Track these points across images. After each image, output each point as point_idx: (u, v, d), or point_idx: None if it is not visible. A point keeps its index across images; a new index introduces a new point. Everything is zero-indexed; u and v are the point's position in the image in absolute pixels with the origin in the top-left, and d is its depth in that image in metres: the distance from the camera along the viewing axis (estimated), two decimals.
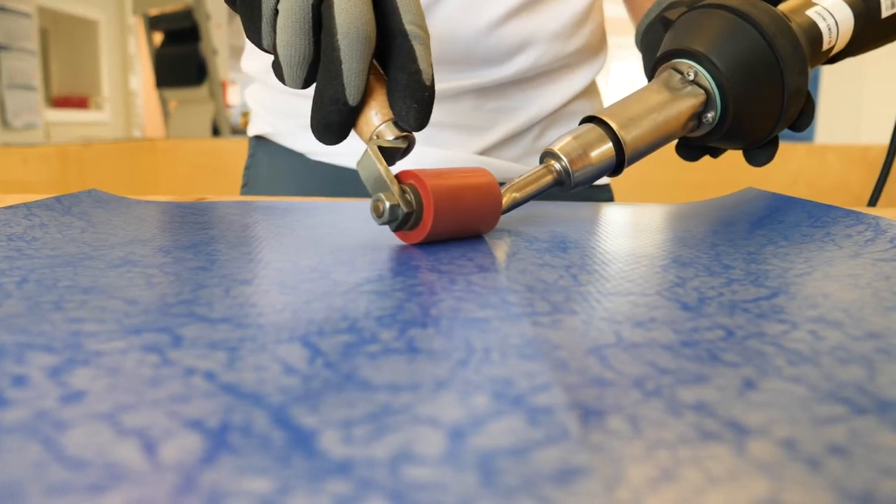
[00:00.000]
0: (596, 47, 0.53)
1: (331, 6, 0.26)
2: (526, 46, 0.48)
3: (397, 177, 0.29)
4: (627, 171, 0.35)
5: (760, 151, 0.38)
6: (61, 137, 4.28)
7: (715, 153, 0.40)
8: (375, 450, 0.11)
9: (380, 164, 0.28)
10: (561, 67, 0.51)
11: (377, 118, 0.29)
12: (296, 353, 0.16)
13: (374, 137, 0.29)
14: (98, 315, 0.18)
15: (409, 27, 0.28)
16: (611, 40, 0.60)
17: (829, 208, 0.35)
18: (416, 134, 0.53)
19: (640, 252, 0.28)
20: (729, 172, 1.89)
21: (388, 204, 0.27)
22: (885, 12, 0.37)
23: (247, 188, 0.59)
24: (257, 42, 0.29)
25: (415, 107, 0.28)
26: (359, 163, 0.29)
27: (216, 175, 2.23)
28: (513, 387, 0.14)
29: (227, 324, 0.18)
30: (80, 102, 4.86)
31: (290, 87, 0.29)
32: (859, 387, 0.14)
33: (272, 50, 0.29)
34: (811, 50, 0.36)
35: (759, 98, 0.34)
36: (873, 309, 0.20)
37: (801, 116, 0.36)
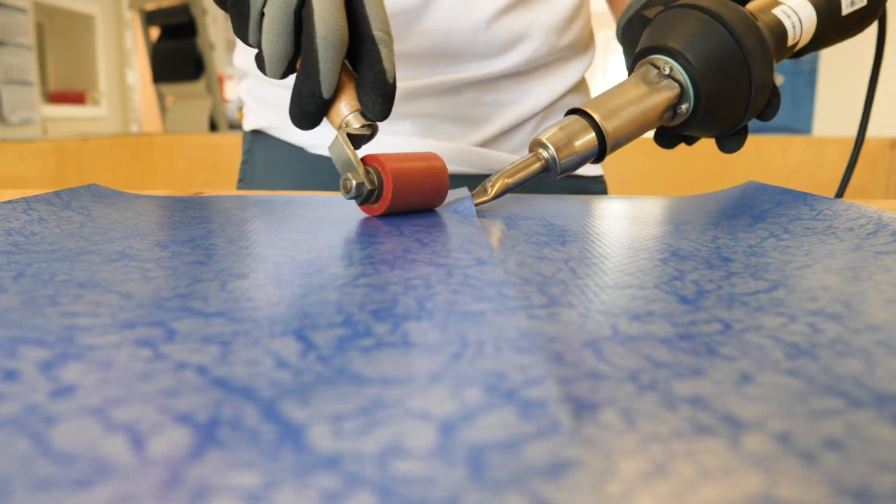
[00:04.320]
0: (586, 43, 0.55)
1: (310, 13, 0.30)
2: (522, 40, 0.50)
3: (363, 160, 0.33)
4: (627, 163, 0.36)
5: (731, 139, 0.41)
6: (58, 133, 4.27)
7: (690, 141, 0.43)
8: (365, 444, 0.11)
9: (348, 148, 0.33)
10: (555, 61, 0.53)
11: (346, 109, 0.33)
12: (289, 347, 0.16)
13: (344, 125, 0.33)
14: (93, 309, 0.18)
15: (377, 33, 0.32)
16: (608, 34, 0.62)
17: (831, 201, 0.35)
18: (416, 126, 0.54)
19: (640, 245, 0.28)
20: (726, 166, 1.89)
21: (354, 182, 0.32)
22: (846, 10, 0.40)
23: (243, 183, 0.59)
24: (244, 39, 0.33)
25: (380, 100, 0.32)
26: (330, 147, 0.33)
27: (214, 170, 2.23)
28: (506, 380, 0.14)
29: (221, 318, 0.18)
30: (76, 98, 4.84)
31: (271, 77, 0.33)
32: (857, 380, 0.14)
33: (257, 46, 0.33)
34: (777, 46, 0.39)
35: (729, 91, 0.37)
36: (874, 302, 0.20)
37: (767, 107, 0.39)
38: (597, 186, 0.58)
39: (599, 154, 0.37)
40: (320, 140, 0.53)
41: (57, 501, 0.09)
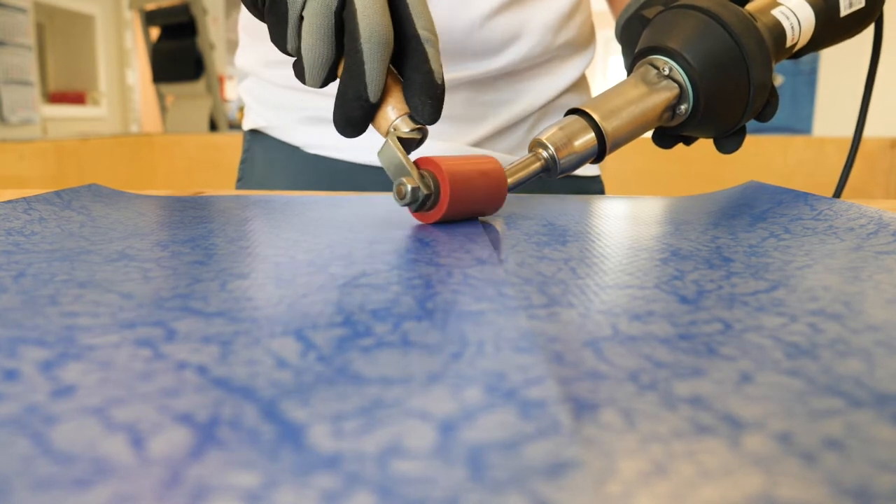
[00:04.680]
0: (585, 40, 0.55)
1: (353, 13, 0.29)
2: (517, 38, 0.50)
3: (415, 163, 0.32)
4: (628, 163, 0.36)
5: (729, 140, 0.41)
6: (58, 133, 4.27)
7: (688, 141, 0.43)
8: (365, 444, 0.11)
9: (400, 152, 0.31)
10: (551, 59, 0.52)
11: (393, 113, 0.32)
12: (289, 346, 0.16)
13: (392, 130, 0.32)
14: (93, 309, 0.18)
15: (422, 32, 0.31)
16: (608, 34, 0.61)
17: (831, 201, 0.35)
18: None
19: (640, 245, 0.28)
20: (726, 166, 1.89)
21: (409, 187, 0.31)
22: (844, 11, 0.41)
23: (242, 182, 0.59)
24: (282, 46, 0.32)
25: (429, 102, 0.31)
26: (380, 152, 0.32)
27: (213, 170, 2.23)
28: (506, 380, 0.14)
29: (221, 318, 0.18)
30: (76, 98, 4.84)
31: (310, 86, 0.31)
32: (857, 380, 0.14)
33: (296, 53, 0.31)
34: (775, 47, 0.39)
35: (728, 91, 0.37)
36: (874, 302, 0.20)
37: (766, 108, 0.39)
38: (594, 186, 0.58)
39: (599, 154, 0.37)
40: (319, 140, 0.52)
41: (57, 501, 0.09)
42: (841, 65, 3.87)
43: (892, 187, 2.03)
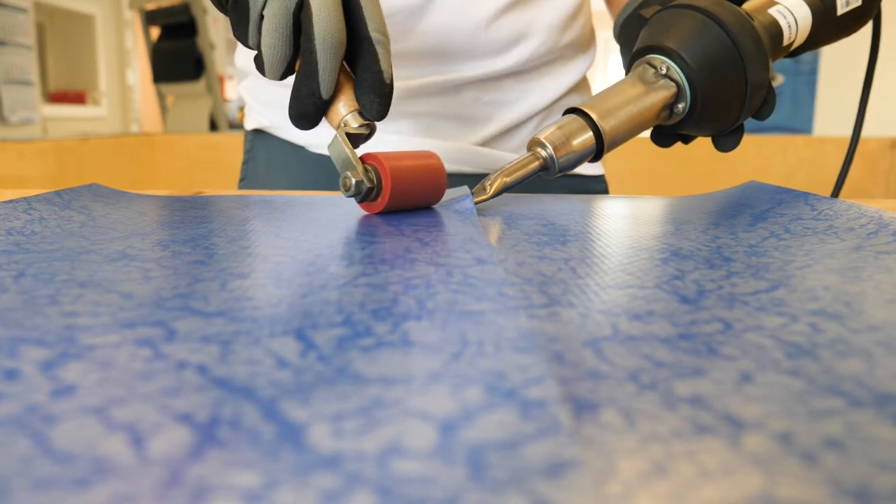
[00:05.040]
0: (587, 42, 0.55)
1: (309, 15, 0.31)
2: (522, 39, 0.50)
3: (361, 158, 0.34)
4: (627, 162, 0.37)
5: (727, 138, 0.41)
6: (58, 132, 4.27)
7: (686, 140, 0.44)
8: (365, 443, 0.11)
9: (347, 147, 0.33)
10: (556, 60, 0.53)
11: (344, 109, 0.34)
12: (289, 346, 0.16)
13: (342, 125, 0.34)
14: (93, 309, 0.18)
15: (374, 34, 0.32)
16: (608, 34, 0.61)
17: (832, 201, 0.35)
18: (417, 126, 0.54)
19: (641, 245, 0.28)
20: (726, 166, 1.89)
21: (353, 180, 0.33)
22: (841, 10, 0.41)
23: (245, 182, 0.59)
24: (244, 41, 0.34)
25: (377, 100, 0.33)
26: (329, 146, 0.34)
27: (214, 169, 2.23)
28: (506, 380, 0.14)
29: (221, 317, 0.18)
30: (77, 97, 4.84)
31: (269, 78, 0.34)
32: (858, 380, 0.14)
33: (256, 48, 0.33)
34: (772, 46, 0.39)
35: (725, 90, 0.38)
36: (874, 301, 0.20)
37: (763, 106, 0.40)
38: (598, 186, 0.58)
39: (597, 153, 0.37)
40: (322, 139, 0.53)
41: (57, 501, 0.09)
42: (841, 65, 3.87)
43: (892, 187, 2.03)
